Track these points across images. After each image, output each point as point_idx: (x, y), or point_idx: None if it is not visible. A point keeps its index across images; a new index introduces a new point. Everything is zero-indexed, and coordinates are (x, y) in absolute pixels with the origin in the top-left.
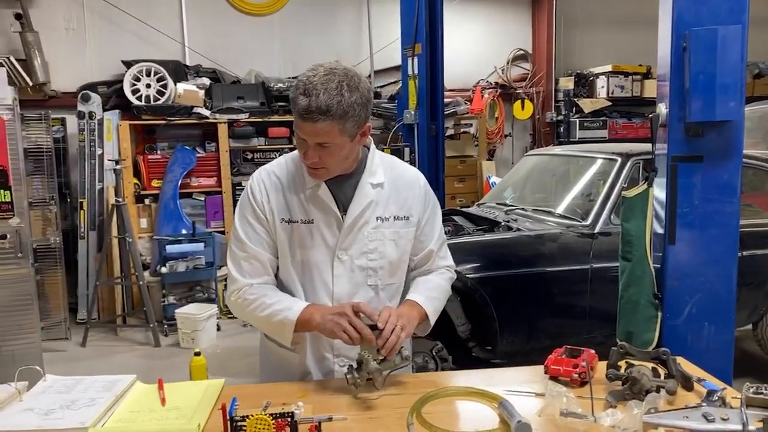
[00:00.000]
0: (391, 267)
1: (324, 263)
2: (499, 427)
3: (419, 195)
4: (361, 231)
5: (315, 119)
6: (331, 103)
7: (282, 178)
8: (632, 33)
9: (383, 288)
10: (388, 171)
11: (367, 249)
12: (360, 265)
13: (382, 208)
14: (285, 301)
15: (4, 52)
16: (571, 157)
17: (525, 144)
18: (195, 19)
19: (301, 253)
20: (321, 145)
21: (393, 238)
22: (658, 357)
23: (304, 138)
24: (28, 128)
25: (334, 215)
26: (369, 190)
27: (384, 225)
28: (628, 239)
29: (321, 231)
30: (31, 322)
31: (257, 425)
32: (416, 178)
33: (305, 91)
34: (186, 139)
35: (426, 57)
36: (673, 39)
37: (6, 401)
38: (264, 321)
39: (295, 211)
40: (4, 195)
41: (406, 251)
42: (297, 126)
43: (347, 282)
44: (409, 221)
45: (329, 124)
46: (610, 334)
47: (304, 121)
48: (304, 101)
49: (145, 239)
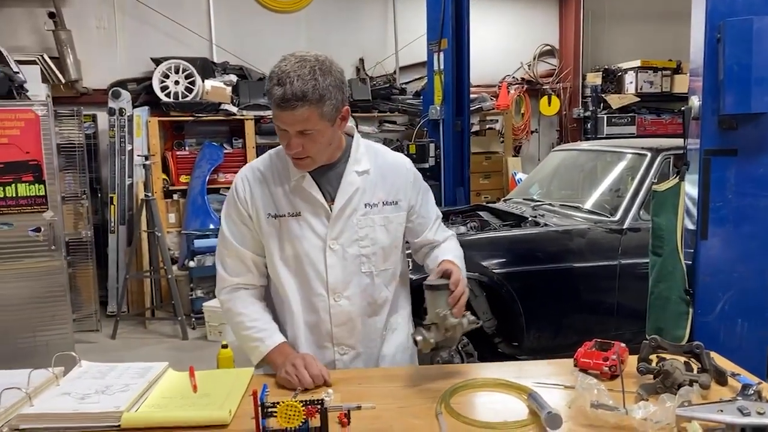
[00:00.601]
0: (383, 252)
1: (316, 254)
2: (528, 418)
3: (407, 180)
4: (350, 219)
5: (293, 106)
6: (306, 89)
7: (266, 173)
8: (662, 27)
9: (378, 274)
10: (373, 158)
11: (358, 236)
12: (353, 253)
13: (369, 194)
14: (262, 330)
15: (38, 51)
16: (599, 153)
17: (551, 140)
18: (222, 17)
19: (291, 246)
20: (302, 133)
21: (383, 224)
22: (691, 351)
23: (284, 129)
24: (60, 124)
25: (321, 206)
26: (354, 178)
27: (373, 211)
28: (658, 234)
29: (309, 223)
30: (64, 314)
31: (288, 412)
32: (402, 163)
33: (279, 80)
34: (213, 136)
35: (452, 52)
36: (707, 30)
37: (44, 385)
38: (240, 338)
39: (282, 205)
40: (38, 189)
41: (398, 236)
42: (276, 117)
43: (341, 271)
44: (399, 206)
45: (307, 109)
46: (639, 331)
47: (282, 110)
48: (279, 90)
49: (174, 234)
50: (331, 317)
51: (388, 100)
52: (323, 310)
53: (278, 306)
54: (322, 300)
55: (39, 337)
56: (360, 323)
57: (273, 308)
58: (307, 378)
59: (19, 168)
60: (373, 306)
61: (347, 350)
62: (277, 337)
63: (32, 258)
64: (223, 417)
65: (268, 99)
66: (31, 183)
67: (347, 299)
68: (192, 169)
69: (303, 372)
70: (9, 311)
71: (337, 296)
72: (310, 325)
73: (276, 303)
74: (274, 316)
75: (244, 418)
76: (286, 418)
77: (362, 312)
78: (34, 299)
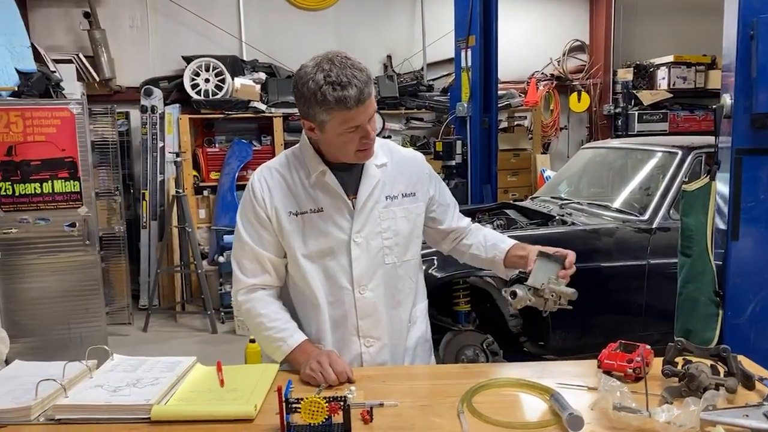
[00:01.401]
0: (405, 243)
1: (340, 248)
2: (550, 419)
3: (422, 172)
4: (373, 211)
5: (367, 97)
6: (363, 78)
7: (284, 173)
8: (696, 21)
9: (400, 265)
10: (388, 153)
11: (381, 228)
12: (376, 246)
13: (389, 186)
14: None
15: (74, 50)
16: (629, 150)
17: (581, 137)
18: (252, 15)
19: (315, 242)
20: (369, 120)
21: (404, 215)
22: (718, 354)
23: (356, 125)
24: (95, 122)
25: (343, 200)
26: (375, 171)
27: (394, 203)
28: (687, 234)
29: (332, 217)
30: (98, 307)
31: (311, 407)
32: (416, 157)
33: (342, 85)
34: (243, 133)
35: (480, 49)
36: (740, 27)
37: (78, 377)
38: (261, 338)
39: (303, 202)
40: (73, 185)
41: (417, 226)
42: (348, 120)
43: (366, 263)
44: (416, 197)
45: (371, 94)
46: (668, 332)
47: (359, 106)
48: (352, 92)
49: (204, 229)
50: (357, 310)
51: (415, 97)
52: (349, 303)
53: (300, 303)
54: (348, 293)
55: (73, 330)
56: (385, 315)
57: (291, 307)
58: (331, 375)
59: (55, 165)
60: (397, 297)
61: (373, 342)
62: (298, 335)
63: (67, 252)
64: (249, 412)
65: (335, 106)
66: (66, 179)
67: (372, 291)
68: (222, 165)
69: (328, 369)
70: (45, 304)
71: (362, 288)
72: (335, 319)
73: (297, 301)
74: (293, 314)
75: (269, 414)
76: (310, 414)
77: (387, 303)
78: (68, 293)
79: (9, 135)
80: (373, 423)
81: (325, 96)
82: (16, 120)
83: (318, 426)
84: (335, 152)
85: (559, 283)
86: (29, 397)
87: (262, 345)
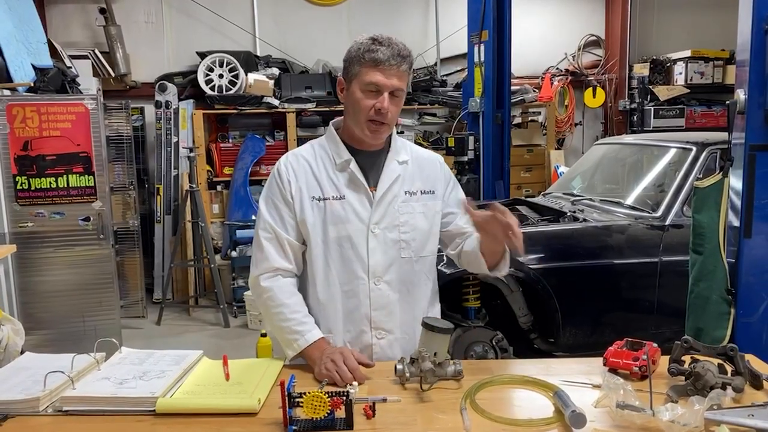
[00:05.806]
0: (422, 239)
1: (358, 237)
2: (553, 416)
3: (440, 171)
4: (392, 204)
5: (399, 63)
6: (407, 51)
7: (310, 160)
8: (713, 16)
9: (416, 261)
10: (409, 151)
11: (399, 222)
12: (393, 238)
13: (409, 182)
14: (302, 323)
15: (90, 46)
16: (642, 147)
17: (596, 133)
18: (266, 11)
19: (335, 229)
20: (393, 95)
21: (422, 211)
22: (725, 353)
23: (376, 90)
24: (109, 117)
25: (365, 190)
26: (396, 166)
27: (413, 199)
28: (699, 231)
29: (353, 206)
30: (112, 300)
31: (314, 402)
32: (435, 157)
33: (380, 42)
34: (256, 128)
35: (493, 44)
36: (754, 21)
37: (86, 370)
38: (276, 328)
39: (326, 189)
40: (87, 180)
41: (435, 223)
42: (370, 77)
43: (382, 255)
44: (435, 195)
45: (406, 69)
46: (680, 330)
47: (387, 67)
48: (386, 49)
49: (217, 224)
50: (371, 301)
51: (429, 92)
52: (363, 294)
53: (313, 292)
54: (363, 283)
55: (88, 323)
56: (398, 308)
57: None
58: (348, 375)
59: (70, 159)
60: (412, 292)
61: (385, 335)
62: (315, 332)
63: (82, 246)
64: (253, 405)
65: (367, 59)
66: (81, 174)
67: (387, 283)
68: (235, 161)
69: (343, 368)
70: (60, 297)
71: (377, 280)
72: (349, 309)
73: (311, 290)
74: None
75: (273, 407)
76: (312, 408)
77: (401, 297)
78: (83, 286)
79: (25, 130)
80: (375, 418)
81: (362, 48)
82: (32, 115)
83: (320, 420)
84: (351, 114)
85: (429, 357)
86: (38, 388)
87: (276, 334)
